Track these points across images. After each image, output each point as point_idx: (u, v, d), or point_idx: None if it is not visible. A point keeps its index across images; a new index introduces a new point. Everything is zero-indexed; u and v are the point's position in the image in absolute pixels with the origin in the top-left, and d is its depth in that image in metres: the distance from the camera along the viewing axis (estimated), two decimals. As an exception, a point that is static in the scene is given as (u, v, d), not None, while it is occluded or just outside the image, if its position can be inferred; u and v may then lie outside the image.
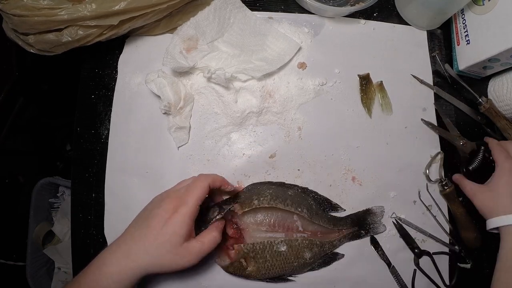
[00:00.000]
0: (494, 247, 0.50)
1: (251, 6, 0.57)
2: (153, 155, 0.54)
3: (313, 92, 0.55)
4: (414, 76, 0.56)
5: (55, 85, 1.02)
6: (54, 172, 1.03)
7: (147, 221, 0.42)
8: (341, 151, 0.54)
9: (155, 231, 0.40)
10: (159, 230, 0.40)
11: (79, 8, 0.45)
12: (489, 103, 0.53)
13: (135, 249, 0.40)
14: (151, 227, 0.41)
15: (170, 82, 0.52)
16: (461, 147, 0.54)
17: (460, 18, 0.55)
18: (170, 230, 0.40)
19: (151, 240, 0.40)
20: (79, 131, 0.56)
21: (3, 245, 1.00)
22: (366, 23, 0.58)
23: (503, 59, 0.49)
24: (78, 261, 0.54)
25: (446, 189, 0.52)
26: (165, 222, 0.40)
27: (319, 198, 0.53)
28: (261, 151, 0.54)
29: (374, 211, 0.53)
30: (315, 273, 0.52)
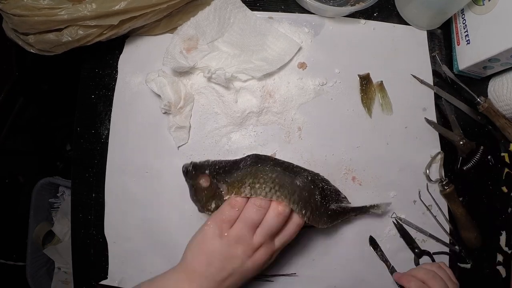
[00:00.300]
0: (494, 247, 0.50)
1: (251, 6, 0.57)
2: (153, 155, 0.54)
3: (313, 92, 0.55)
4: (414, 76, 0.56)
5: (55, 85, 1.03)
6: (54, 172, 1.03)
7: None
8: (341, 151, 0.54)
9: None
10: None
11: (79, 8, 0.45)
12: (487, 102, 0.53)
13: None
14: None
15: (170, 81, 0.52)
16: (460, 146, 0.54)
17: (460, 18, 0.55)
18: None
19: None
20: (79, 131, 0.56)
21: (3, 245, 1.00)
22: (366, 23, 0.58)
23: (503, 59, 0.49)
24: (78, 261, 0.54)
25: (446, 189, 0.52)
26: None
27: (329, 189, 0.47)
28: (261, 151, 0.54)
29: (380, 205, 0.50)
30: (315, 273, 0.52)
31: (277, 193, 0.40)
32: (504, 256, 0.54)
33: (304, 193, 0.42)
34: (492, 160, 0.55)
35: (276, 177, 0.41)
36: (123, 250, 0.53)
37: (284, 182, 0.41)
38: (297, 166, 0.46)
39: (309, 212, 0.42)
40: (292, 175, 0.43)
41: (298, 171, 0.45)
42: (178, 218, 0.53)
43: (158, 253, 0.53)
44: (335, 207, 0.46)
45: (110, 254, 0.54)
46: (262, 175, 0.41)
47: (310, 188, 0.43)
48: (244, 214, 0.40)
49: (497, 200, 0.55)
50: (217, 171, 0.44)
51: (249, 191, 0.40)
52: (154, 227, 0.53)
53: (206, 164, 0.45)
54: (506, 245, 0.55)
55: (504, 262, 0.54)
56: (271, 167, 0.42)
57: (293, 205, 0.40)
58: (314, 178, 0.46)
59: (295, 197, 0.41)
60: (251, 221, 0.39)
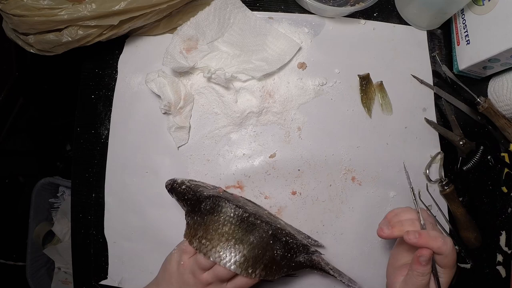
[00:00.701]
0: (494, 247, 0.50)
1: (251, 6, 0.57)
2: (153, 155, 0.54)
3: (313, 92, 0.55)
4: (414, 76, 0.56)
5: (55, 85, 1.03)
6: (54, 172, 1.03)
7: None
8: (341, 151, 0.54)
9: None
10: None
11: (79, 8, 0.45)
12: (487, 102, 0.53)
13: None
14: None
15: (170, 81, 0.52)
16: (460, 146, 0.54)
17: (460, 18, 0.55)
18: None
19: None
20: (79, 131, 0.56)
21: (3, 245, 1.00)
22: (366, 23, 0.58)
23: (503, 59, 0.49)
24: (78, 261, 0.54)
25: (446, 189, 0.52)
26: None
27: (295, 243, 0.45)
28: (261, 151, 0.54)
29: (344, 277, 0.47)
30: (314, 274, 0.52)
31: (217, 254, 0.40)
32: (504, 256, 0.54)
33: (256, 250, 0.41)
34: (492, 160, 0.55)
35: (224, 233, 0.41)
36: (123, 250, 0.54)
37: (231, 240, 0.41)
38: (258, 217, 0.44)
39: (260, 269, 0.41)
40: (247, 229, 0.42)
41: (257, 224, 0.43)
42: (178, 218, 0.53)
43: (158, 253, 0.52)
44: (303, 259, 0.45)
45: (110, 254, 0.54)
46: (212, 230, 0.41)
47: (268, 243, 0.42)
48: (195, 256, 0.43)
49: (497, 200, 0.55)
50: (186, 201, 0.46)
51: (197, 244, 0.41)
52: (154, 227, 0.53)
53: (179, 190, 0.47)
54: (506, 245, 0.55)
55: (504, 262, 0.54)
56: (226, 218, 0.42)
57: (233, 267, 0.40)
58: (276, 232, 0.44)
59: (238, 258, 0.40)
60: (200, 265, 0.41)
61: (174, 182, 0.49)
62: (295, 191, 0.53)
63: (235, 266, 0.40)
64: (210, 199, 0.44)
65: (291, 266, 0.44)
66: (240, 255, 0.40)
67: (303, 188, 0.53)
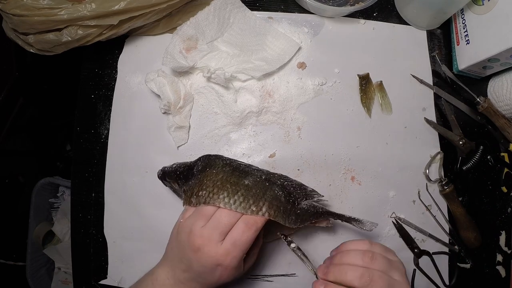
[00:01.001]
0: (493, 247, 0.50)
1: (251, 6, 0.57)
2: (153, 154, 0.54)
3: (313, 92, 0.55)
4: (413, 76, 0.56)
5: (55, 85, 1.03)
6: (54, 172, 1.03)
7: (196, 271, 0.39)
8: (341, 150, 0.54)
9: (210, 282, 0.40)
10: (216, 282, 0.40)
11: (79, 8, 0.45)
12: (487, 102, 0.53)
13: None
14: (205, 279, 0.40)
15: (170, 81, 0.52)
16: (460, 146, 0.54)
17: (460, 18, 0.55)
18: (228, 279, 0.40)
19: (210, 285, 0.40)
20: (79, 131, 0.56)
21: (3, 245, 1.00)
22: (366, 23, 0.58)
23: (503, 59, 0.49)
24: (78, 261, 0.54)
25: (446, 189, 0.52)
26: (219, 276, 0.39)
27: (291, 184, 0.44)
28: (261, 151, 0.54)
29: (364, 223, 0.44)
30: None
31: (215, 196, 0.39)
32: (503, 256, 0.54)
33: (254, 190, 0.40)
34: (492, 160, 0.55)
35: (217, 180, 0.40)
36: (123, 250, 0.54)
37: (226, 183, 0.40)
38: (248, 166, 0.44)
39: (266, 206, 0.39)
40: (241, 175, 0.42)
41: (249, 171, 0.43)
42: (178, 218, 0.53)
43: (158, 252, 0.52)
44: (306, 206, 0.43)
45: (110, 254, 0.54)
46: (206, 180, 0.41)
47: (264, 185, 0.41)
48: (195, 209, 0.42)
49: (497, 200, 0.55)
50: (178, 176, 0.45)
51: (195, 200, 0.40)
52: (154, 227, 0.53)
53: (170, 170, 0.47)
54: (505, 245, 0.55)
55: (503, 262, 0.54)
56: (218, 169, 0.42)
57: (234, 206, 0.39)
58: (269, 176, 0.43)
59: (236, 197, 0.39)
60: (200, 214, 0.40)
61: (164, 167, 0.49)
62: (294, 191, 0.53)
63: (236, 205, 0.38)
64: (200, 159, 0.44)
65: (298, 215, 0.41)
66: (239, 194, 0.39)
67: (302, 188, 0.53)
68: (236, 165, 0.43)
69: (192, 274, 0.40)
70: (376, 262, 0.37)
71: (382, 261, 0.37)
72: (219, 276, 0.39)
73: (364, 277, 0.35)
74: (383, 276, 0.36)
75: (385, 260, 0.37)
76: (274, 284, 0.51)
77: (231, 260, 0.38)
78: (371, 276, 0.35)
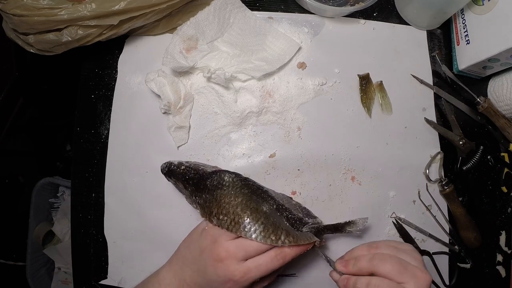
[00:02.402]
0: (493, 247, 0.50)
1: (251, 6, 0.57)
2: (153, 154, 0.54)
3: (313, 92, 0.55)
4: (414, 76, 0.56)
5: (55, 85, 1.03)
6: (54, 172, 1.03)
7: (208, 279, 0.40)
8: (341, 151, 0.54)
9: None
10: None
11: (79, 8, 0.45)
12: (487, 102, 0.53)
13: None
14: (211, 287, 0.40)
15: (170, 81, 0.52)
16: (460, 146, 0.54)
17: (460, 18, 0.55)
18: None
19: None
20: (79, 131, 0.56)
21: (3, 245, 1.00)
22: (366, 23, 0.58)
23: (503, 59, 0.49)
24: (78, 261, 0.54)
25: (446, 189, 0.52)
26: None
27: (293, 218, 0.44)
28: (261, 151, 0.54)
29: (356, 222, 0.44)
30: (314, 274, 0.52)
31: (237, 226, 0.39)
32: (503, 256, 0.54)
33: (271, 218, 0.40)
34: (492, 160, 0.55)
35: (238, 204, 0.40)
36: (123, 250, 0.54)
37: (247, 210, 0.40)
38: (261, 189, 0.44)
39: (284, 235, 0.39)
40: (259, 200, 0.42)
41: (266, 197, 0.43)
42: (178, 218, 0.53)
43: (158, 253, 0.53)
44: (308, 229, 0.44)
45: (110, 254, 0.54)
46: (225, 204, 0.41)
47: (277, 214, 0.42)
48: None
49: (497, 200, 0.55)
50: (187, 181, 0.45)
51: (216, 221, 0.40)
52: (154, 227, 0.53)
53: (178, 172, 0.47)
54: (505, 245, 0.55)
55: (503, 262, 0.54)
56: (237, 191, 0.41)
57: (255, 235, 0.39)
58: (279, 206, 0.44)
59: (257, 226, 0.39)
60: (223, 235, 0.40)
61: (170, 164, 0.48)
62: (294, 191, 0.53)
63: (256, 234, 0.38)
64: (216, 174, 0.44)
65: (305, 239, 0.42)
66: (259, 223, 0.39)
67: (303, 188, 0.53)
68: (253, 188, 0.43)
69: (201, 279, 0.40)
70: (381, 248, 0.39)
71: (387, 246, 0.39)
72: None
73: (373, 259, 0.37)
74: (392, 257, 0.37)
75: (390, 247, 0.39)
76: (274, 284, 0.51)
77: (246, 279, 0.38)
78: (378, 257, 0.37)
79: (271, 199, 0.44)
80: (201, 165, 0.48)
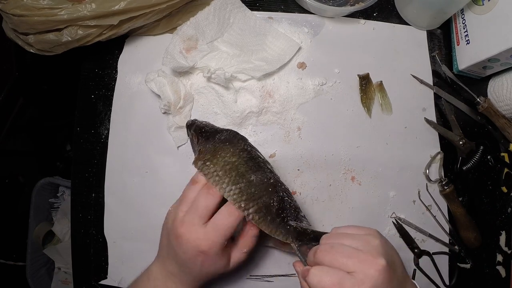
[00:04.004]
0: (493, 247, 0.50)
1: (251, 6, 0.57)
2: (153, 154, 0.54)
3: (313, 92, 0.55)
4: (414, 76, 0.56)
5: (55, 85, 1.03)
6: (54, 172, 1.03)
7: (181, 260, 0.39)
8: (341, 151, 0.54)
9: (195, 272, 0.39)
10: (199, 272, 0.39)
11: (79, 8, 0.45)
12: (487, 102, 0.53)
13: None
14: (190, 268, 0.39)
15: (170, 81, 0.52)
16: (460, 146, 0.54)
17: (460, 18, 0.55)
18: (211, 270, 0.39)
19: (196, 275, 0.39)
20: (79, 131, 0.56)
21: (3, 245, 1.00)
22: (366, 23, 0.58)
23: (503, 59, 0.49)
24: (78, 261, 0.54)
25: (446, 189, 0.52)
26: (201, 265, 0.38)
27: (289, 202, 0.42)
28: (261, 151, 0.53)
29: None
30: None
31: (216, 178, 0.39)
32: (503, 256, 0.54)
33: (254, 189, 0.39)
34: (492, 160, 0.55)
35: (229, 163, 0.39)
36: (123, 250, 0.54)
37: (233, 170, 0.39)
38: (264, 162, 0.42)
39: (254, 209, 0.38)
40: (252, 168, 0.40)
41: (263, 167, 0.41)
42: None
43: (158, 253, 0.53)
44: (295, 224, 0.41)
45: (110, 254, 0.54)
46: (219, 155, 0.40)
47: (266, 189, 0.40)
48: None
49: (497, 200, 0.55)
50: (202, 132, 0.44)
51: (200, 165, 0.40)
52: (154, 227, 0.53)
53: (198, 125, 0.46)
54: (505, 245, 0.55)
55: (503, 262, 0.54)
56: (235, 151, 0.40)
57: (226, 194, 0.38)
58: (277, 183, 0.42)
59: (234, 187, 0.38)
60: (184, 195, 0.40)
61: (196, 119, 0.48)
62: (294, 191, 0.53)
63: (229, 194, 0.38)
64: (228, 131, 0.43)
65: (285, 229, 0.41)
66: (237, 186, 0.38)
67: (303, 188, 0.53)
68: (254, 155, 0.41)
69: (179, 264, 0.39)
70: (332, 236, 0.36)
71: (338, 235, 0.36)
72: (201, 264, 0.38)
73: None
74: (336, 246, 0.34)
75: (342, 235, 0.36)
76: (274, 284, 0.51)
77: (211, 245, 0.37)
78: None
79: (271, 173, 0.42)
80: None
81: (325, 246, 0.35)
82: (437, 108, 0.56)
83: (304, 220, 0.43)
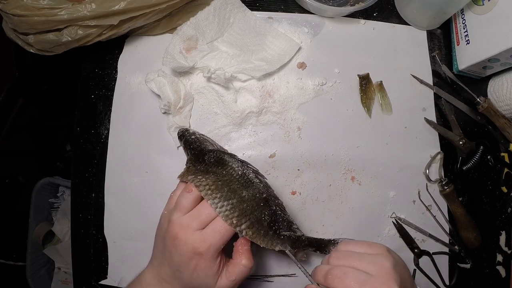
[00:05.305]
0: (493, 247, 0.50)
1: (251, 6, 0.57)
2: (153, 154, 0.54)
3: (313, 92, 0.55)
4: (414, 76, 0.56)
5: (55, 85, 1.03)
6: (54, 172, 1.03)
7: (175, 263, 0.39)
8: (341, 151, 0.54)
9: (186, 278, 0.38)
10: (190, 278, 0.38)
11: (79, 8, 0.45)
12: (487, 102, 0.53)
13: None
14: (181, 273, 0.38)
15: (170, 81, 0.52)
16: (460, 146, 0.54)
17: (460, 18, 0.55)
18: (202, 276, 0.38)
19: (187, 282, 0.39)
20: (79, 131, 0.56)
21: (3, 245, 1.00)
22: (366, 23, 0.58)
23: (503, 59, 0.49)
24: (78, 261, 0.54)
25: (446, 189, 0.52)
26: (192, 270, 0.38)
27: (281, 215, 0.42)
28: (261, 151, 0.54)
29: (339, 241, 0.42)
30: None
31: (209, 191, 0.39)
32: (503, 256, 0.54)
33: (246, 205, 0.39)
34: (492, 160, 0.55)
35: (221, 180, 0.40)
36: (123, 250, 0.54)
37: (225, 188, 0.39)
38: (257, 177, 0.42)
39: (246, 225, 0.39)
40: (244, 184, 0.41)
41: (256, 183, 0.42)
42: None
43: (158, 253, 0.53)
44: (288, 234, 0.42)
45: (110, 254, 0.54)
46: (213, 174, 0.41)
47: (258, 204, 0.40)
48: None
49: (497, 200, 0.55)
50: (190, 149, 0.45)
51: (191, 178, 0.40)
52: (154, 227, 0.53)
53: (187, 139, 0.47)
54: (505, 245, 0.55)
55: (503, 262, 0.54)
56: (227, 171, 0.41)
57: (217, 209, 0.38)
58: (270, 198, 0.42)
59: (226, 203, 0.39)
60: (178, 202, 0.40)
61: (186, 130, 0.48)
62: (294, 191, 0.53)
63: (221, 210, 0.38)
64: (214, 152, 0.43)
65: (277, 241, 0.41)
66: (229, 202, 0.39)
67: (302, 188, 0.53)
68: (245, 172, 0.42)
69: (172, 268, 0.39)
70: (342, 257, 0.36)
71: (348, 255, 0.36)
72: (194, 268, 0.37)
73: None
74: (349, 272, 0.33)
75: (352, 255, 0.36)
76: (274, 284, 0.51)
77: (207, 247, 0.37)
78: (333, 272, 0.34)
79: (264, 187, 0.42)
80: (208, 142, 0.47)
81: (337, 271, 0.34)
82: (437, 108, 0.56)
83: (298, 231, 0.43)
